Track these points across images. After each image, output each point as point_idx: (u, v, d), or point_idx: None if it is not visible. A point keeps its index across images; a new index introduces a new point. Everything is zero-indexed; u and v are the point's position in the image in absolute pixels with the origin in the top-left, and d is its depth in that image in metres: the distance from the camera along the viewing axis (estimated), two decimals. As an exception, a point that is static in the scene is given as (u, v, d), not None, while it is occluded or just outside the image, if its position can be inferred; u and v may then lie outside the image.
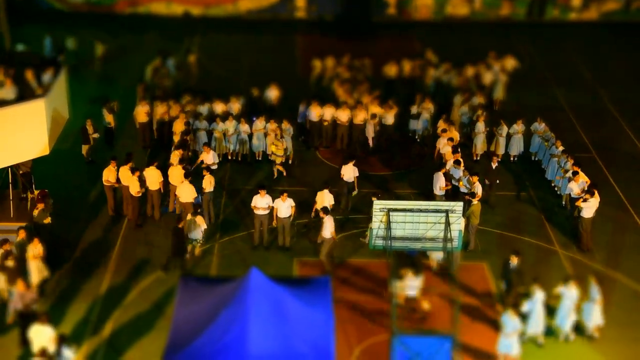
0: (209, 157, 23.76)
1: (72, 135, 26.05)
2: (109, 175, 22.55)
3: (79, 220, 22.67)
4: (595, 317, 18.40)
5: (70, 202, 22.80)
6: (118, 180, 22.49)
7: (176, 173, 22.51)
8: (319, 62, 32.37)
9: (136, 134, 27.22)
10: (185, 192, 21.88)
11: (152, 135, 27.19)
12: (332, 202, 22.03)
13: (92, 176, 24.94)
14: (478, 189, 21.90)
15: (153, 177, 22.51)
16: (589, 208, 21.54)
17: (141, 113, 26.73)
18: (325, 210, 20.79)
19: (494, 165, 23.75)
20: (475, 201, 21.37)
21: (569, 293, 18.24)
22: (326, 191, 21.97)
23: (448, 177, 23.12)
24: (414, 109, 27.59)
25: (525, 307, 17.99)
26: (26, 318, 17.46)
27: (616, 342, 18.70)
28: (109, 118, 26.94)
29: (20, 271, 18.76)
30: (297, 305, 15.74)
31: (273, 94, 28.55)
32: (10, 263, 18.68)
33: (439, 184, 22.84)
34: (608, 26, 41.55)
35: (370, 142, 26.89)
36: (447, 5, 41.84)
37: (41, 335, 16.35)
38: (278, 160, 25.10)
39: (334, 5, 40.52)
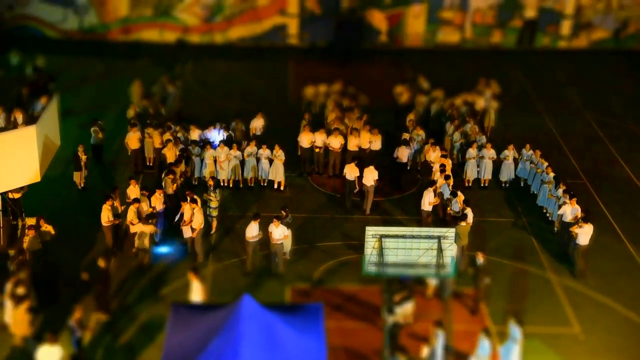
0: (187, 210, 22.18)
1: (63, 161, 26.03)
2: (108, 214, 21.78)
3: (71, 247, 22.48)
4: (514, 358, 17.60)
5: (61, 228, 22.61)
6: (117, 216, 22.17)
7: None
8: (312, 89, 32.47)
9: (127, 159, 27.22)
10: (197, 219, 21.81)
11: (144, 162, 27.18)
12: (376, 177, 24.63)
13: (84, 203, 24.91)
14: (469, 214, 21.96)
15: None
16: (584, 235, 21.54)
17: (133, 139, 26.70)
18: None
19: (481, 260, 20.27)
20: (462, 223, 21.44)
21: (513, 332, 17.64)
22: (372, 167, 24.61)
23: (436, 193, 23.58)
24: (406, 136, 27.63)
25: (425, 352, 17.23)
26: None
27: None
28: (99, 136, 27.19)
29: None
30: (289, 333, 15.65)
31: (259, 123, 28.46)
32: (20, 291, 18.41)
33: (428, 199, 23.23)
34: (597, 54, 41.98)
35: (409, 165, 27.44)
36: (438, 32, 42.19)
37: (50, 356, 16.50)
38: (214, 213, 23.29)
39: (326, 33, 40.82)
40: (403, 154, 26.64)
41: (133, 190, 22.85)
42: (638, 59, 41.51)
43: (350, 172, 25.06)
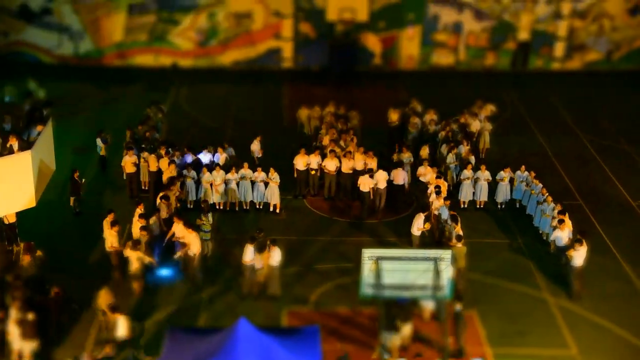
0: (179, 228, 22.25)
1: (58, 185, 26.00)
2: (113, 240, 21.67)
3: (65, 272, 22.33)
4: None
5: (56, 254, 22.53)
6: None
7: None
8: (306, 111, 32.51)
9: (122, 184, 27.21)
10: (195, 244, 21.74)
11: (139, 186, 27.15)
12: (387, 177, 26.12)
13: (79, 228, 24.84)
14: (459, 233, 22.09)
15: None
16: (579, 256, 21.52)
17: (128, 164, 26.69)
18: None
19: (459, 308, 19.51)
20: (459, 244, 21.45)
21: None
22: (380, 170, 26.09)
23: (428, 218, 23.46)
24: (395, 157, 27.64)
25: None
26: None
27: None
28: (103, 149, 28.30)
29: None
30: (286, 356, 15.59)
31: (257, 146, 28.52)
32: (30, 316, 18.25)
33: (417, 225, 23.19)
34: (591, 75, 42.23)
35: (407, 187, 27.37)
36: (432, 55, 42.42)
37: None
38: (207, 237, 22.95)
39: (320, 56, 41.02)
40: (398, 176, 26.66)
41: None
42: (630, 80, 41.75)
43: (365, 183, 25.74)
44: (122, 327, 18.51)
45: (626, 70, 42.92)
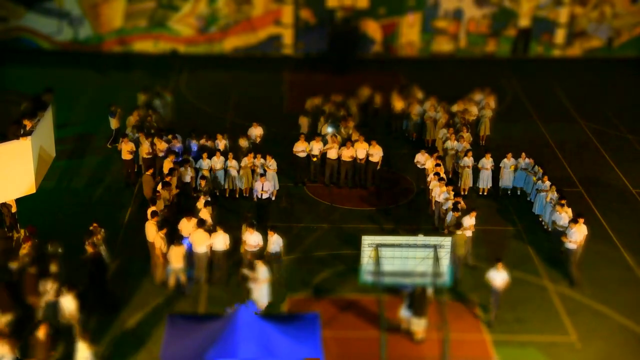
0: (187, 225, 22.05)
1: (58, 172, 25.98)
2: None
3: (64, 260, 22.30)
4: None
5: (56, 240, 22.53)
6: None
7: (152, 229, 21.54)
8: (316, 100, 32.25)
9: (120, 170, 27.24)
10: (219, 242, 21.47)
11: (139, 172, 27.09)
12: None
13: (79, 214, 24.79)
14: (465, 221, 21.98)
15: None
16: (574, 238, 21.51)
17: (124, 151, 26.58)
18: None
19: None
20: (458, 232, 21.46)
21: None
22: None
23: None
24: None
25: None
26: None
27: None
28: (113, 122, 29.17)
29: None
30: (286, 342, 15.64)
31: (257, 132, 28.43)
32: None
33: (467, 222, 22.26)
34: (591, 62, 42.13)
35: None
36: (432, 42, 42.31)
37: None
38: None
39: (320, 43, 40.91)
40: (376, 154, 26.84)
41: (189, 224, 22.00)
42: (631, 67, 41.67)
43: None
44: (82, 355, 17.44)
45: (627, 58, 42.81)
